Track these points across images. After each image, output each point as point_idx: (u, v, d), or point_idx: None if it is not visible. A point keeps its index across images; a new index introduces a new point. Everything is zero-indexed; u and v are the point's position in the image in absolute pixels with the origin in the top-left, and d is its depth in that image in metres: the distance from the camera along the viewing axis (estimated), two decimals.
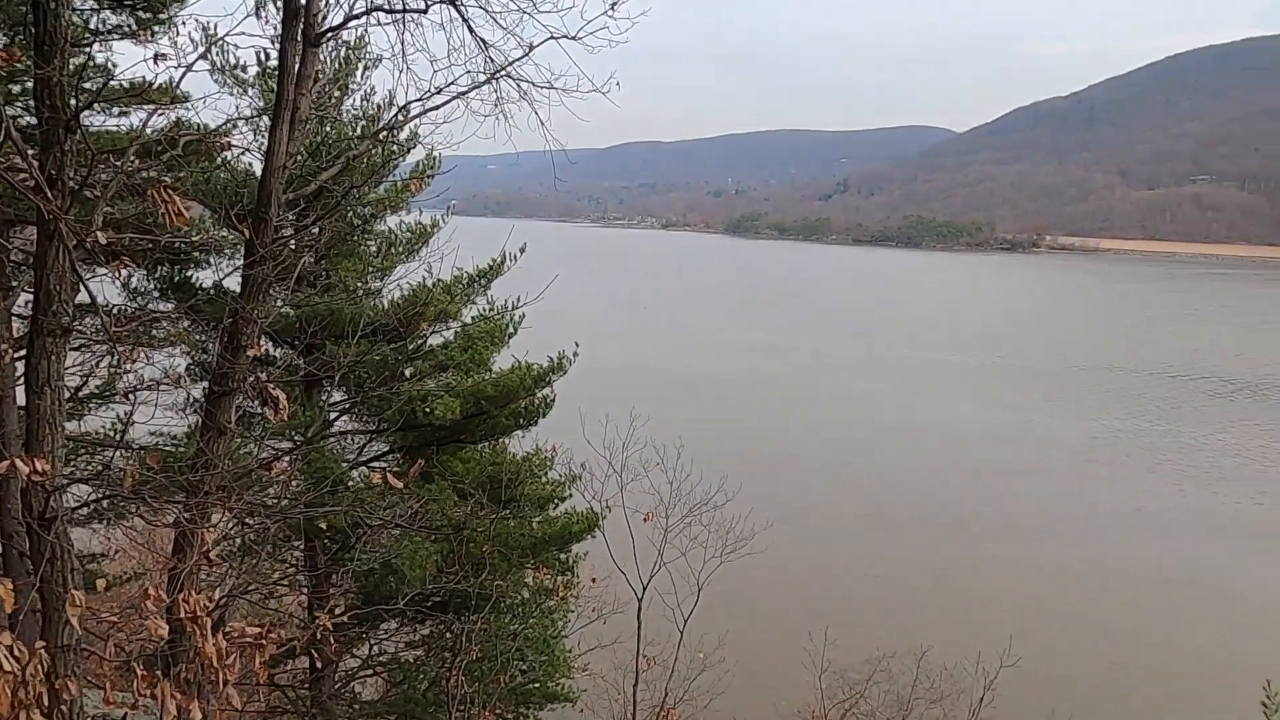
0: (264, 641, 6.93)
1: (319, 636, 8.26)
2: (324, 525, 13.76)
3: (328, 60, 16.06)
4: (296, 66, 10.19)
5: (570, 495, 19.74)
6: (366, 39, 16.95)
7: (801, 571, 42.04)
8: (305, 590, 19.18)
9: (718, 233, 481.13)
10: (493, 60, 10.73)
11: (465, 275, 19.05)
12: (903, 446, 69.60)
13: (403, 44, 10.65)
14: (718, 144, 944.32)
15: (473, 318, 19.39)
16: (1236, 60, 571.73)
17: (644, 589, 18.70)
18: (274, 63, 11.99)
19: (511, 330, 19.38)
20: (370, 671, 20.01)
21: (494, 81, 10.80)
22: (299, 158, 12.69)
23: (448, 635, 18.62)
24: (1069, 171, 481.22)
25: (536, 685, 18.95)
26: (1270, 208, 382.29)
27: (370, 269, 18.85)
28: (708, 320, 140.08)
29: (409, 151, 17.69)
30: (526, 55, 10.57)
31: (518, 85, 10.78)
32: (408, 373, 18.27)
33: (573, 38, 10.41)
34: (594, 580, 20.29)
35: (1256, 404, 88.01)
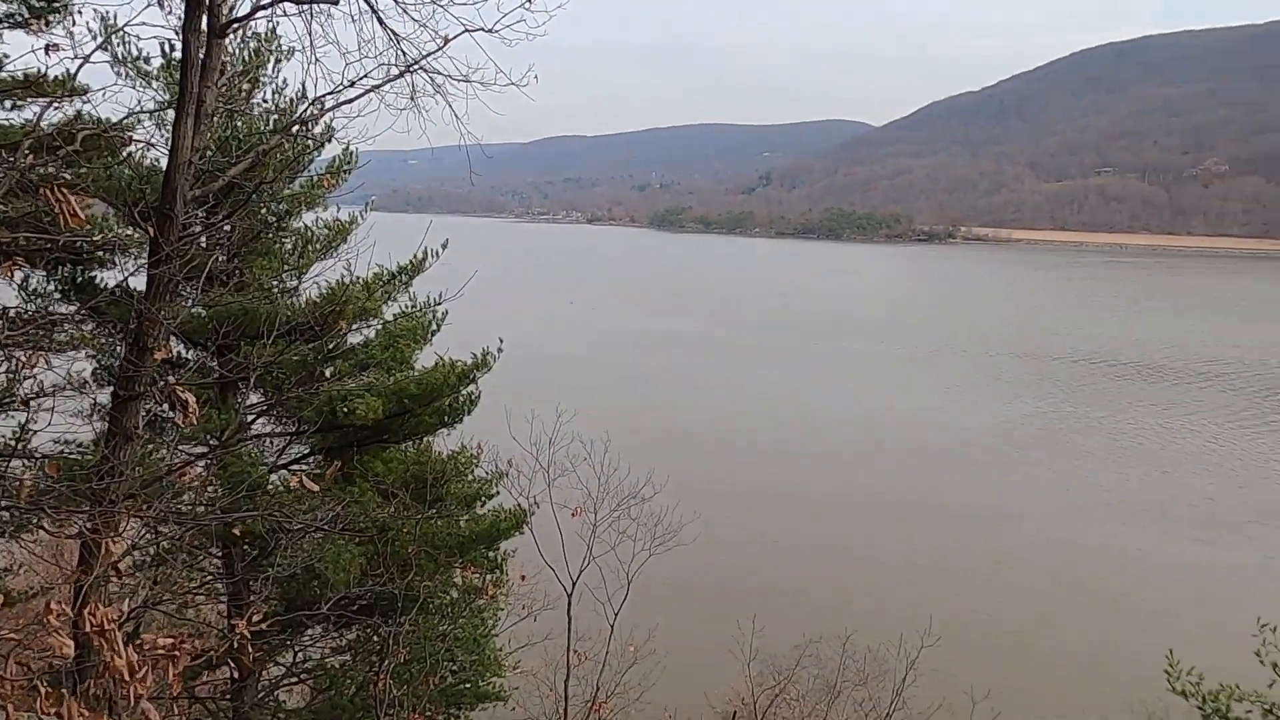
0: (178, 653, 6.70)
1: (238, 646, 8.04)
2: (239, 531, 13.37)
3: (236, 52, 15.57)
4: (201, 58, 9.87)
5: (497, 493, 19.58)
6: (276, 31, 16.45)
7: (730, 560, 42.54)
8: (224, 599, 18.64)
9: (643, 227, 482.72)
10: (405, 54, 10.53)
11: (385, 272, 18.69)
12: (827, 434, 71.06)
13: (311, 36, 10.37)
14: (642, 138, 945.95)
15: (394, 315, 19.04)
16: (1135, 57, 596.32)
17: (573, 584, 18.71)
18: (179, 54, 11.57)
19: (434, 327, 19.10)
20: (295, 679, 19.55)
21: (408, 75, 10.60)
22: (207, 153, 12.26)
23: (374, 639, 18.30)
24: (982, 164, 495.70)
25: (467, 685, 18.77)
26: (1169, 199, 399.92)
27: (286, 267, 18.33)
28: (634, 314, 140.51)
29: (323, 146, 17.21)
30: (441, 49, 10.40)
31: (432, 79, 10.59)
32: (327, 372, 17.86)
33: (489, 31, 10.28)
34: (523, 578, 20.22)
35: (1154, 385, 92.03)
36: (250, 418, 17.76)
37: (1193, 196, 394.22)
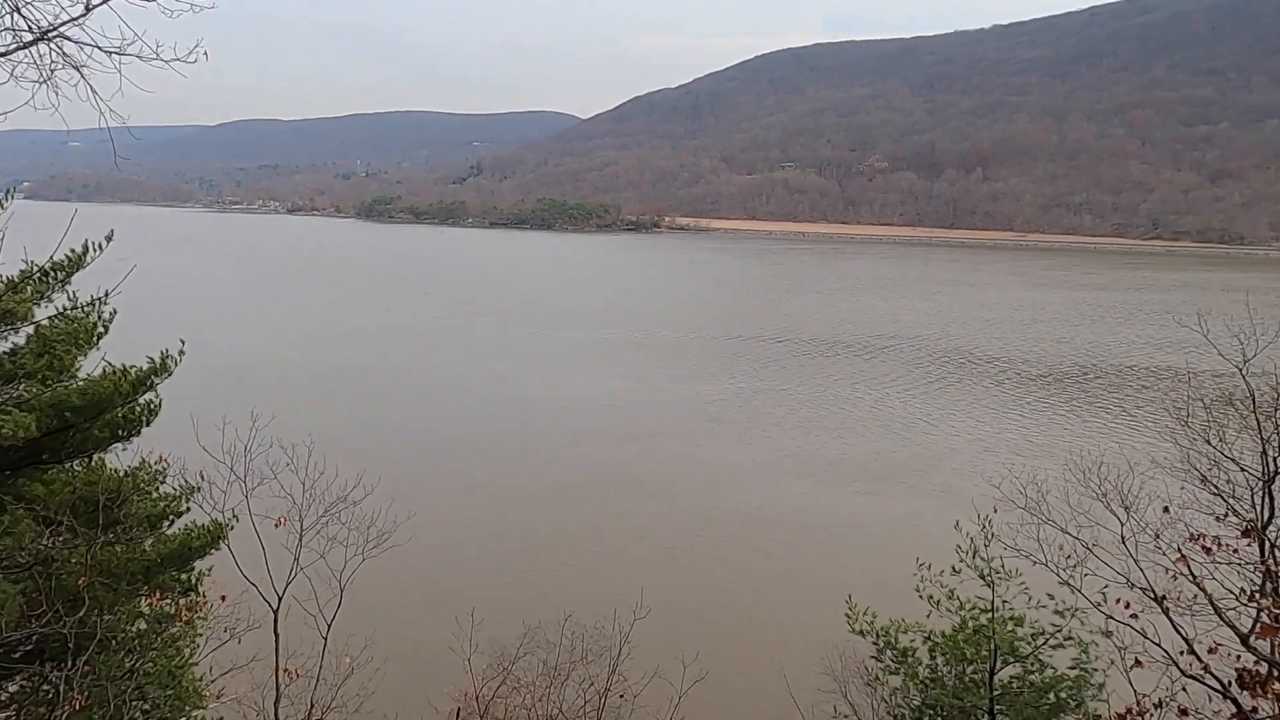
0: None
1: None
2: None
3: None
4: None
5: (188, 509, 17.92)
6: None
7: (448, 556, 42.13)
8: None
9: (349, 217, 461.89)
10: (27, 19, 9.04)
11: (37, 269, 16.42)
12: (541, 421, 72.13)
13: None
14: (345, 124, 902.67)
15: (49, 318, 16.78)
16: (809, 62, 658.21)
17: (280, 599, 17.60)
18: None
19: (101, 330, 17.06)
20: None
21: (43, 44, 9.17)
22: None
23: (45, 687, 16.15)
24: (682, 157, 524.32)
25: None
26: (841, 191, 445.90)
27: None
28: (339, 308, 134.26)
29: None
30: (83, 16, 9.07)
31: (62, 50, 9.10)
32: None
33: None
34: (223, 598, 18.67)
35: (833, 359, 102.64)
36: None
37: (860, 189, 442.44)
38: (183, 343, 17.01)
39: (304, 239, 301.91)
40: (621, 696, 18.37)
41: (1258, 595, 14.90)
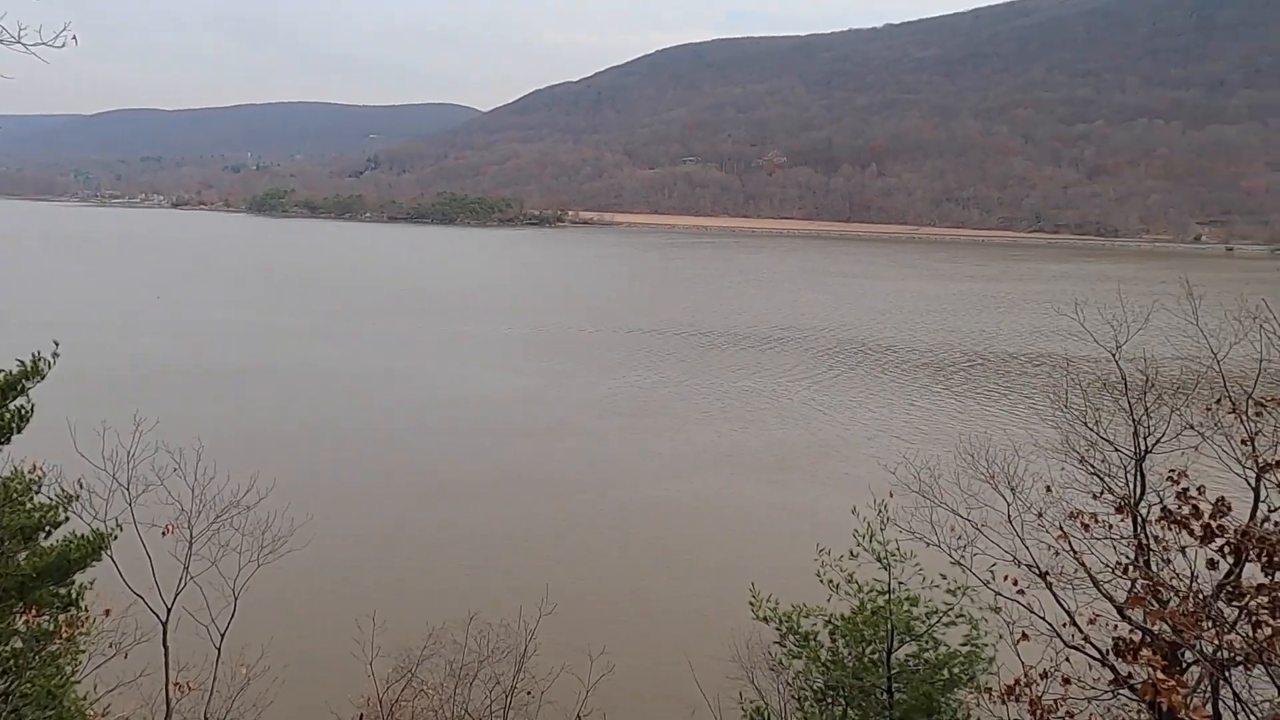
0: None
1: None
2: None
3: None
4: None
5: (67, 518, 17.00)
6: None
7: (347, 559, 41.10)
8: None
9: (240, 211, 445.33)
10: None
11: None
12: (443, 419, 71.05)
13: None
14: (234, 115, 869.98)
15: None
16: (708, 58, 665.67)
17: (169, 610, 16.88)
18: None
19: None
20: None
21: None
22: None
23: None
24: (584, 151, 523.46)
25: None
26: (741, 185, 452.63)
27: None
28: (230, 307, 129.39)
29: None
30: None
31: None
32: None
33: None
34: (108, 612, 17.80)
35: (736, 351, 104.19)
36: None
37: (760, 184, 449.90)
38: (56, 345, 16.12)
39: (190, 234, 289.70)
40: (529, 693, 18.28)
41: (1131, 568, 15.80)
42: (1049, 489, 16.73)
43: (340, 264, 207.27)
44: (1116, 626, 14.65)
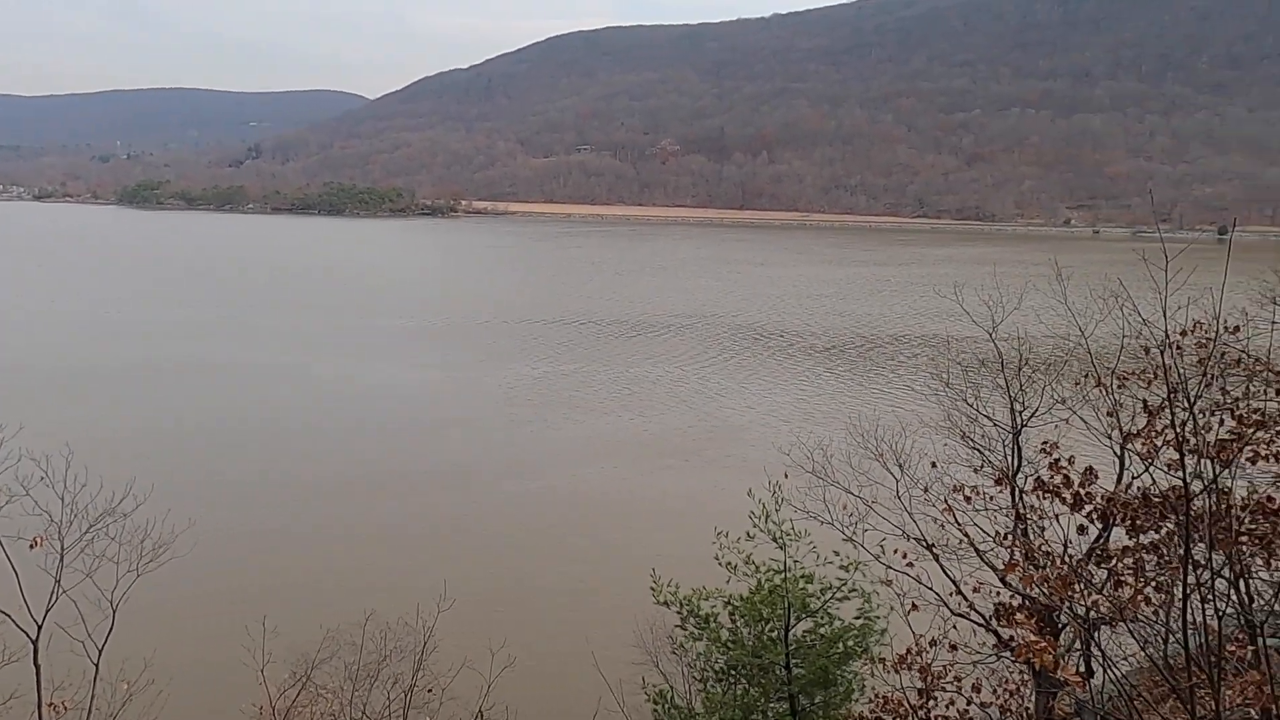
0: None
1: None
2: None
3: None
4: None
5: None
6: None
7: (236, 563, 39.51)
8: None
9: (110, 203, 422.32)
10: None
11: None
12: (332, 414, 69.02)
13: None
14: (102, 101, 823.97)
15: None
16: (600, 46, 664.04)
17: (39, 627, 15.89)
18: None
19: None
20: None
21: None
22: None
23: None
24: (476, 140, 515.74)
25: None
26: (636, 174, 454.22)
27: None
28: (109, 304, 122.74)
29: None
30: None
31: None
32: None
33: None
34: None
35: (634, 339, 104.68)
36: None
37: (654, 172, 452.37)
38: None
39: (60, 230, 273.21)
40: (430, 691, 18.00)
41: (1010, 536, 16.59)
42: (934, 465, 17.40)
43: (223, 257, 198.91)
44: (998, 593, 15.37)
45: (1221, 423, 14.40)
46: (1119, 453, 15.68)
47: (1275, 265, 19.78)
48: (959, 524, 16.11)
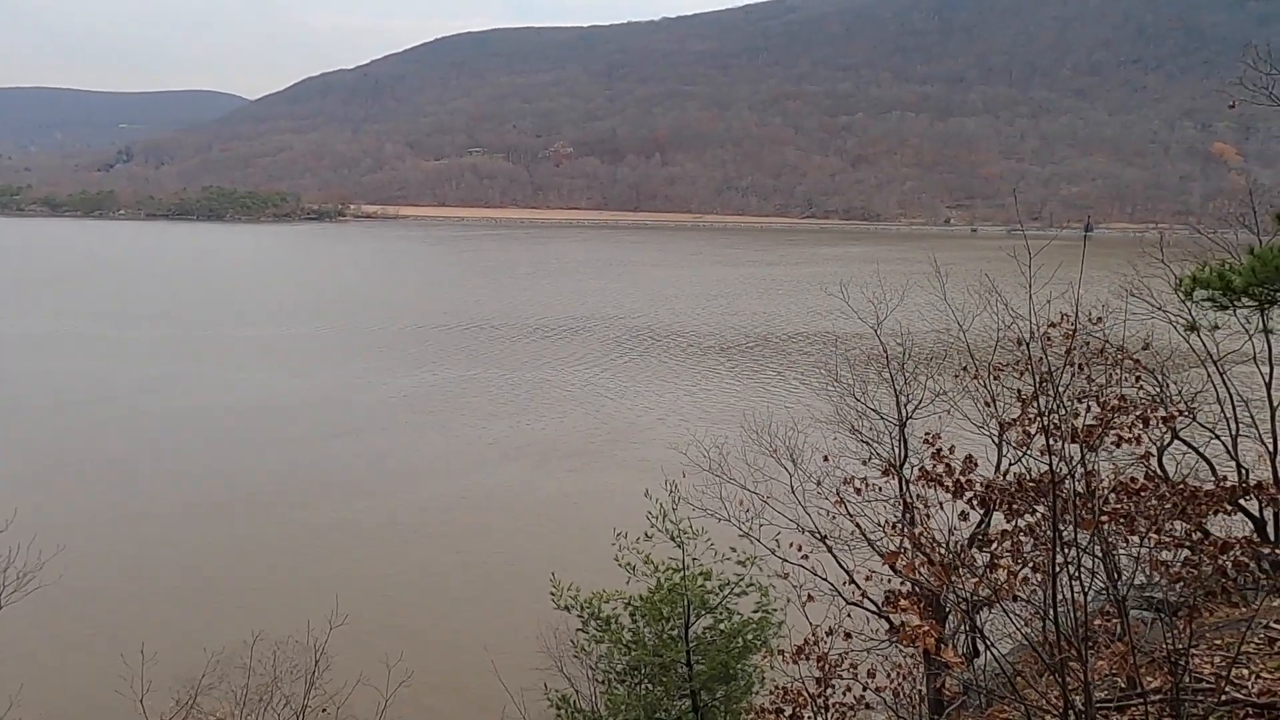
0: None
1: None
2: None
3: None
4: None
5: None
6: None
7: (110, 590, 37.28)
8: None
9: None
10: None
11: None
12: (214, 430, 65.75)
13: None
14: None
15: None
16: (490, 47, 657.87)
17: None
18: None
19: None
20: None
21: None
22: None
23: None
24: (364, 142, 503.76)
25: None
26: (530, 176, 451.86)
27: None
28: None
29: None
30: None
31: None
32: None
33: None
34: None
35: (534, 343, 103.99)
36: None
37: (548, 175, 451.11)
38: None
39: None
40: (324, 710, 17.42)
41: (898, 525, 17.13)
42: (826, 458, 17.81)
43: (95, 266, 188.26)
44: (889, 580, 15.85)
45: (1088, 409, 15.25)
46: (997, 441, 16.39)
47: (1134, 260, 20.95)
48: (850, 515, 16.53)
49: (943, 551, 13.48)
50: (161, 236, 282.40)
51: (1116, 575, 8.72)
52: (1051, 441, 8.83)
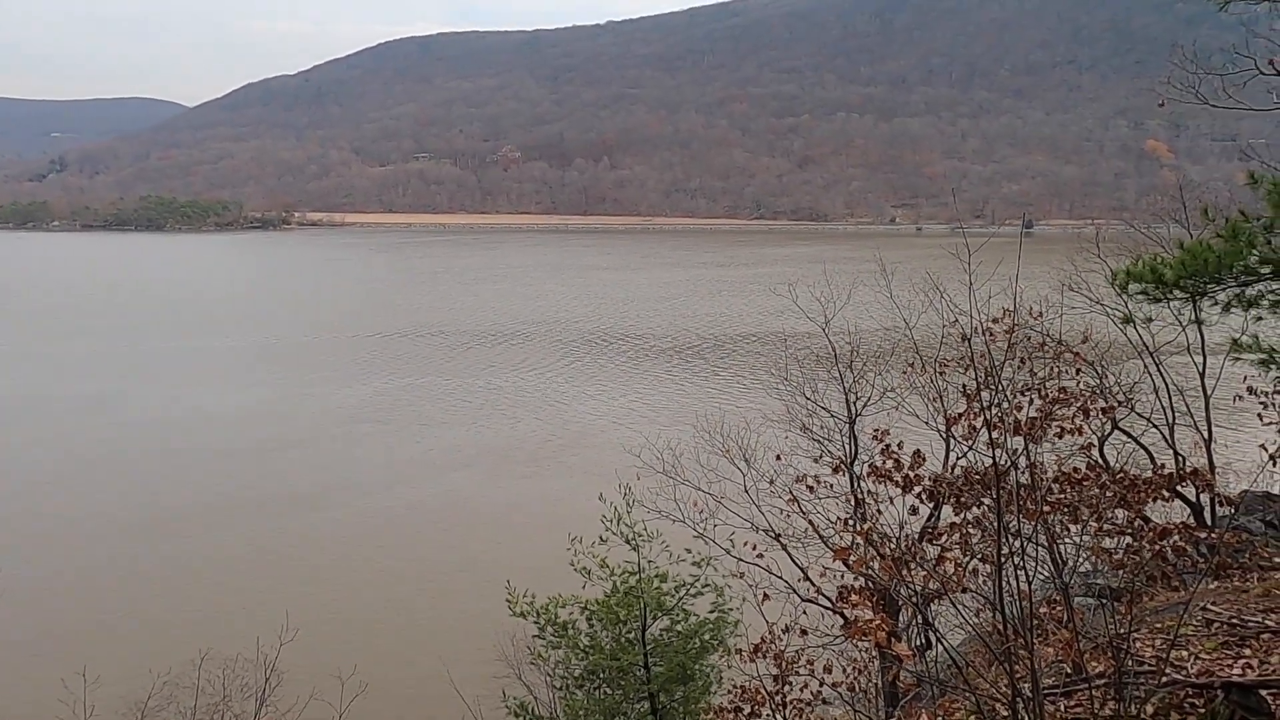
0: None
1: None
2: None
3: None
4: None
5: None
6: None
7: (50, 610, 36.17)
8: None
9: None
10: None
11: None
12: (153, 444, 64.01)
13: None
14: None
15: None
16: (435, 52, 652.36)
17: None
18: None
19: None
20: None
21: None
22: None
23: None
24: (308, 148, 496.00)
25: None
26: (478, 181, 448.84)
27: None
28: None
29: None
30: None
31: None
32: None
33: None
34: None
35: (483, 349, 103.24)
36: None
37: (496, 179, 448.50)
38: None
39: None
40: None
41: (850, 521, 17.32)
42: (779, 457, 17.94)
43: (27, 280, 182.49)
44: (843, 576, 16.01)
45: (1031, 402, 15.57)
46: (944, 435, 16.65)
47: (1073, 255, 21.46)
48: (804, 513, 16.66)
49: (893, 546, 13.65)
50: (99, 248, 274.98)
51: (1061, 564, 8.90)
52: (996, 435, 8.99)
